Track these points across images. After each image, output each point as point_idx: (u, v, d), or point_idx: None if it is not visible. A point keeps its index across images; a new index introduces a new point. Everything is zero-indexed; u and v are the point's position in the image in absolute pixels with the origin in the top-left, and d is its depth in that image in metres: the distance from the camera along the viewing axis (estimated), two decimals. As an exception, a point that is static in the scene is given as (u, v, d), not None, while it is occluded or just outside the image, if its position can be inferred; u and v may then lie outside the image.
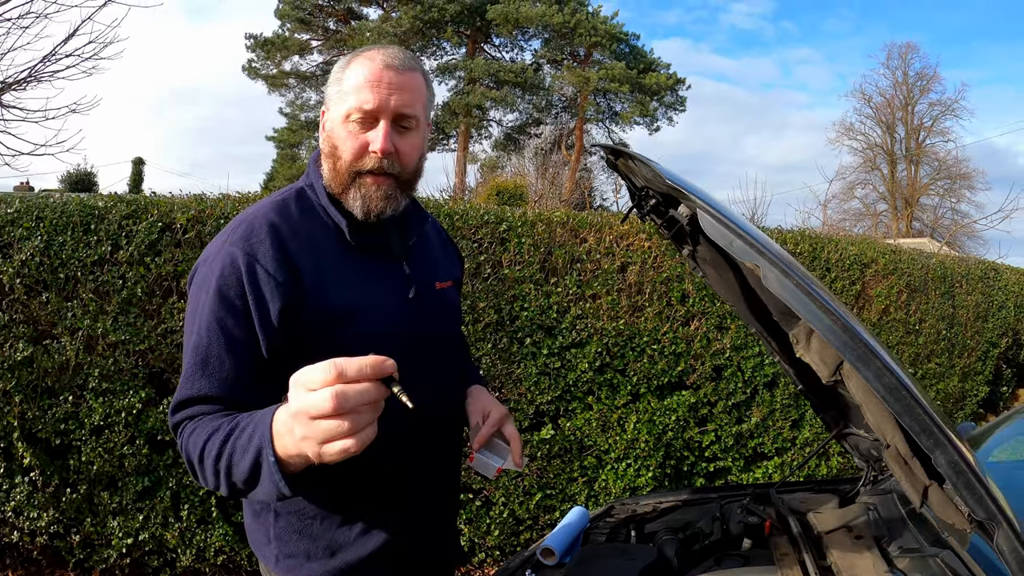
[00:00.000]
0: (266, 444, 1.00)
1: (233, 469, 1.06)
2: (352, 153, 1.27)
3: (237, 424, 1.08)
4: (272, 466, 0.99)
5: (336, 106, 1.29)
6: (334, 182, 1.31)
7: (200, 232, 3.23)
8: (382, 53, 1.29)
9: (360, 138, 1.27)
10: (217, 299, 1.19)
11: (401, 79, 1.27)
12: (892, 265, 5.22)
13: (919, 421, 0.99)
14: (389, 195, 1.30)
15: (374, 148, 1.26)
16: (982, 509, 0.99)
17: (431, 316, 1.39)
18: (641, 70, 25.70)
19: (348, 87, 1.27)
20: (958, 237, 25.73)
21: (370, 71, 1.26)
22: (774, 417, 4.24)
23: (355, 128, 1.27)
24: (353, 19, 26.27)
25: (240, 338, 1.19)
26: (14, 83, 6.10)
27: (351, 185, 1.29)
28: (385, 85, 1.25)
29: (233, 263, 1.20)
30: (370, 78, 1.26)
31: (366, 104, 1.25)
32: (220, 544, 3.31)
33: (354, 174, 1.28)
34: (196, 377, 1.18)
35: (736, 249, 1.11)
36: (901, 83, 32.41)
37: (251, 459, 1.02)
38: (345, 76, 1.29)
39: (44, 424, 3.13)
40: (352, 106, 1.26)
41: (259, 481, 1.03)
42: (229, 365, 1.18)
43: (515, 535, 3.76)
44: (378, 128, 1.27)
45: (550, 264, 3.83)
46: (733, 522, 1.69)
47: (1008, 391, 7.62)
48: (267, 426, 1.00)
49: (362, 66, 1.27)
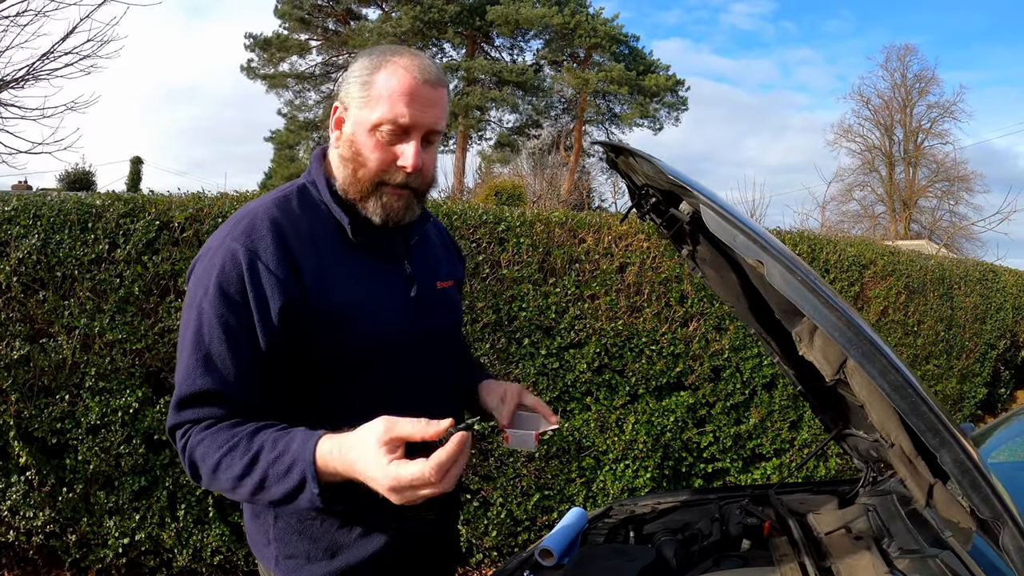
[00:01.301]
0: (311, 479, 1.07)
1: (265, 492, 1.12)
2: (379, 164, 1.25)
3: (262, 447, 1.12)
4: (315, 497, 1.08)
5: (362, 111, 1.25)
6: (352, 188, 1.28)
7: (198, 231, 3.22)
8: (417, 64, 1.25)
9: (388, 151, 1.25)
10: (218, 295, 1.18)
11: (435, 95, 1.25)
12: (890, 267, 5.22)
13: (925, 419, 0.99)
14: (408, 205, 1.30)
15: (403, 163, 1.24)
16: (988, 508, 0.98)
17: (432, 315, 1.38)
18: (640, 72, 25.71)
19: (379, 94, 1.23)
20: (956, 239, 25.77)
21: (407, 84, 1.22)
22: (773, 418, 4.24)
23: (383, 139, 1.24)
24: (352, 19, 26.27)
25: (241, 335, 1.18)
26: (12, 81, 6.09)
27: (372, 194, 1.27)
28: (421, 101, 1.23)
29: (234, 259, 1.19)
30: (406, 91, 1.22)
31: (401, 119, 1.22)
32: (217, 544, 3.30)
33: (377, 184, 1.27)
34: (198, 373, 1.16)
35: (740, 245, 1.10)
36: (899, 85, 32.49)
37: (291, 487, 1.09)
38: (376, 81, 1.24)
39: (40, 423, 3.11)
40: (384, 117, 1.22)
41: (294, 502, 1.11)
42: (231, 362, 1.17)
43: (513, 536, 3.75)
44: (409, 144, 1.24)
45: (548, 264, 3.83)
46: (732, 523, 1.69)
47: (1006, 393, 7.62)
48: (310, 461, 1.08)
49: (396, 76, 1.23)
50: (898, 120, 32.39)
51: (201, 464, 1.15)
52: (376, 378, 1.27)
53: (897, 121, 32.40)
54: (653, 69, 26.54)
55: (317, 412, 1.23)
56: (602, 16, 25.67)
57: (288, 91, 26.85)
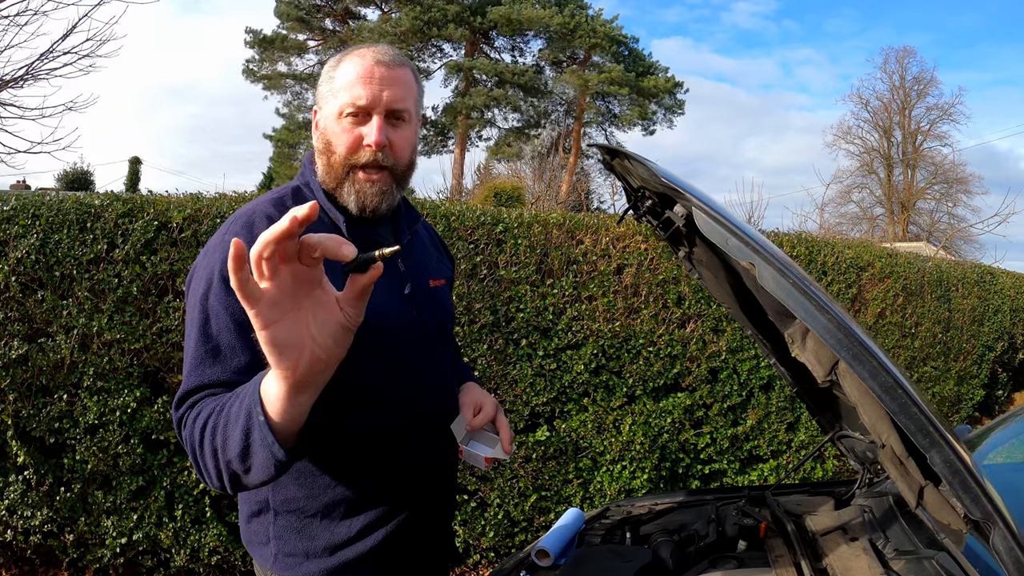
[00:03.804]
0: (255, 405, 0.94)
1: (227, 444, 1.00)
2: (347, 148, 1.30)
3: (232, 396, 1.04)
4: (262, 426, 0.93)
5: (328, 103, 1.32)
6: (328, 177, 1.33)
7: (196, 231, 3.23)
8: (372, 50, 1.32)
9: (354, 133, 1.30)
10: (223, 287, 1.19)
11: (392, 74, 1.30)
12: (888, 269, 5.23)
13: (915, 420, 0.99)
14: (384, 191, 1.32)
15: (368, 141, 1.28)
16: (978, 509, 0.99)
17: (426, 313, 1.41)
18: (640, 73, 25.74)
19: (340, 84, 1.30)
20: (954, 241, 25.79)
21: (362, 67, 1.29)
22: (770, 420, 4.25)
23: (348, 124, 1.29)
24: (352, 19, 26.27)
25: (248, 324, 1.16)
26: (11, 80, 6.09)
27: (345, 180, 1.31)
28: (377, 80, 1.28)
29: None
30: (362, 74, 1.29)
31: (359, 100, 1.28)
32: (214, 544, 3.30)
33: (348, 168, 1.31)
34: (207, 364, 1.17)
35: (732, 247, 1.11)
36: (898, 87, 32.54)
37: (242, 425, 0.97)
38: (337, 74, 1.32)
39: (38, 422, 3.11)
40: (345, 102, 1.29)
41: (252, 451, 0.97)
42: (240, 352, 1.18)
43: (510, 537, 3.76)
44: (372, 122, 1.29)
45: (546, 266, 3.83)
46: (729, 524, 1.69)
47: (1004, 395, 7.63)
48: (256, 388, 0.95)
49: (353, 64, 1.30)
50: (897, 122, 32.45)
51: (194, 440, 1.08)
52: (371, 371, 1.30)
53: (896, 123, 32.46)
54: (652, 71, 26.57)
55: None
56: (601, 17, 25.70)
57: (286, 91, 26.86)
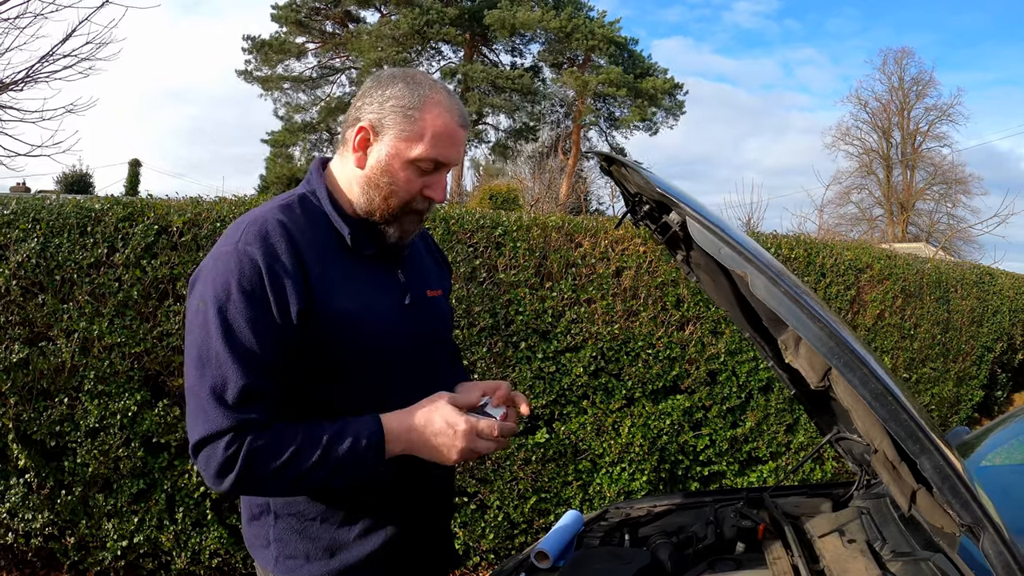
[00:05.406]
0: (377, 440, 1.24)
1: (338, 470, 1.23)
2: (411, 194, 1.33)
3: (328, 433, 1.22)
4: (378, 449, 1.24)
5: (403, 142, 1.30)
6: (379, 211, 1.34)
7: (196, 235, 3.24)
8: (456, 108, 1.34)
9: (417, 181, 1.33)
10: (242, 298, 1.20)
11: (464, 136, 1.36)
12: (887, 270, 5.23)
13: (905, 427, 1.00)
14: (419, 224, 1.41)
15: (433, 195, 1.35)
16: (968, 513, 1.00)
17: (425, 322, 1.43)
18: (638, 74, 25.76)
19: (422, 131, 1.29)
20: (953, 242, 25.79)
21: (449, 127, 1.31)
22: (768, 422, 4.26)
23: (417, 172, 1.32)
24: (351, 22, 26.29)
25: (269, 335, 1.21)
26: (11, 83, 6.09)
27: (395, 219, 1.35)
28: (458, 143, 1.34)
29: (253, 262, 1.21)
30: (449, 133, 1.32)
31: (442, 158, 1.32)
32: (215, 547, 3.31)
33: (404, 211, 1.35)
34: (239, 375, 1.18)
35: (724, 256, 1.12)
36: (897, 88, 32.55)
37: (361, 451, 1.23)
38: (419, 118, 1.29)
39: (39, 426, 3.12)
40: (427, 154, 1.30)
41: (362, 463, 1.24)
42: (269, 360, 1.21)
43: (509, 539, 3.77)
44: (440, 179, 1.35)
45: (545, 268, 3.84)
46: (727, 526, 1.70)
47: (1003, 395, 7.63)
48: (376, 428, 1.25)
49: (441, 117, 1.31)
50: (895, 123, 32.46)
51: (262, 464, 1.18)
52: (371, 380, 1.31)
53: (895, 124, 32.47)
54: (651, 72, 26.58)
55: (312, 410, 1.27)
56: (601, 19, 25.72)
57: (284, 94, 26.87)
